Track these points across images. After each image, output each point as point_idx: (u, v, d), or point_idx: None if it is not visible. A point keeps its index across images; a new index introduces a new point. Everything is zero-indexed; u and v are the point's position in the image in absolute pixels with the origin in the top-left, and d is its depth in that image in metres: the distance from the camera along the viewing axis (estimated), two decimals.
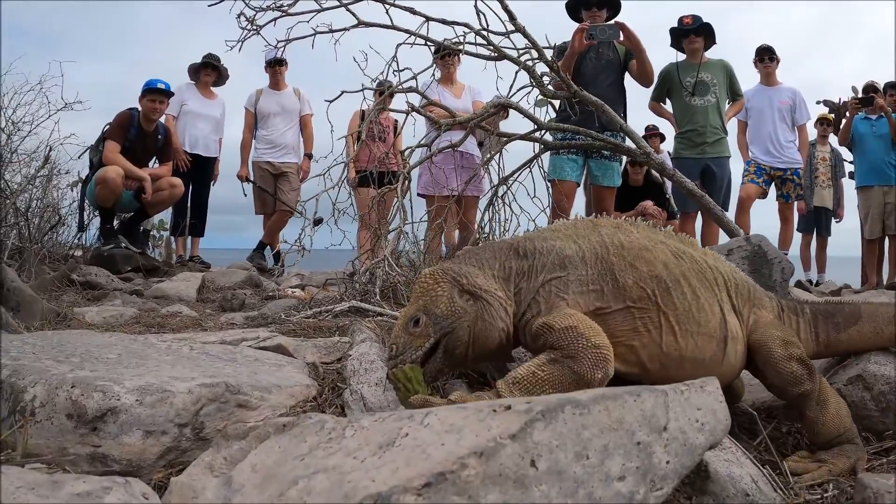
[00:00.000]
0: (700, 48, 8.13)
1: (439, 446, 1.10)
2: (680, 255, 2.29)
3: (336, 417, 1.31)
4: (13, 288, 4.67)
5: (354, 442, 1.21)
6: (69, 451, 1.88)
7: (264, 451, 1.32)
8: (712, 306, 2.24)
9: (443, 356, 1.95)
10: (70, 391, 1.98)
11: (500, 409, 1.18)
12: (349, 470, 1.11)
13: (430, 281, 2.01)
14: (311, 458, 1.20)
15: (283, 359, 2.86)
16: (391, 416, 1.27)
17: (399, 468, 1.07)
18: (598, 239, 2.22)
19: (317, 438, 1.27)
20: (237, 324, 4.61)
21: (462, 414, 1.20)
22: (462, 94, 8.15)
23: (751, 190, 9.12)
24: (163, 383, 2.04)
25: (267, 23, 5.80)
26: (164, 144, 8.61)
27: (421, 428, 1.19)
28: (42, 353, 2.41)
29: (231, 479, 1.27)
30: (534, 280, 2.09)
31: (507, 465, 1.06)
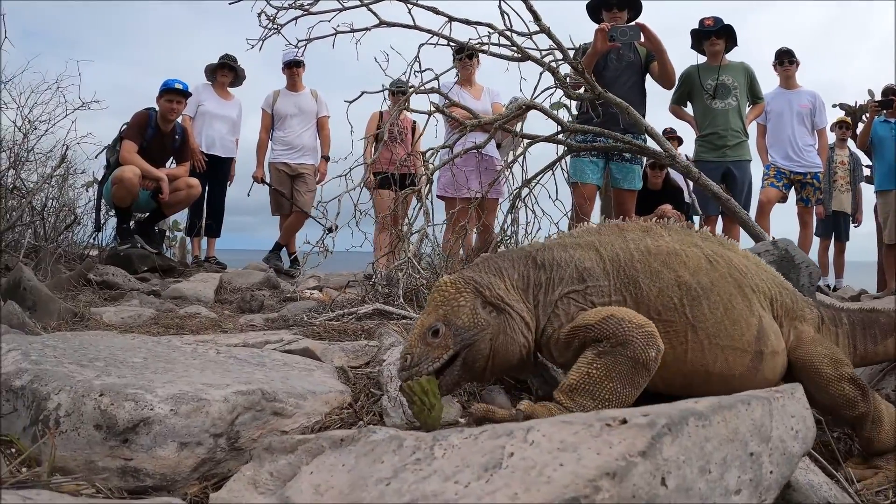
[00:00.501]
0: (721, 50, 8.05)
1: (558, 467, 1.01)
2: (715, 260, 2.16)
3: (415, 434, 1.21)
4: (30, 287, 4.64)
5: (449, 463, 1.11)
6: (97, 464, 1.78)
7: (325, 468, 1.22)
8: (748, 317, 2.11)
9: (461, 369, 1.87)
10: (98, 400, 1.86)
11: (614, 423, 1.10)
12: (455, 497, 1.01)
13: (451, 290, 1.92)
14: (398, 482, 1.09)
15: (311, 363, 2.80)
16: (485, 433, 1.17)
17: (518, 494, 0.98)
18: (622, 245, 2.12)
19: (397, 458, 1.17)
20: (257, 325, 4.57)
21: (570, 430, 1.11)
22: (481, 96, 8.08)
23: (771, 194, 9.04)
24: (197, 391, 1.94)
25: (288, 21, 5.76)
26: (181, 145, 8.58)
27: (527, 446, 1.09)
28: (64, 357, 2.31)
29: (289, 498, 1.18)
30: (551, 293, 2.01)
31: (639, 486, 0.98)
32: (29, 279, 4.72)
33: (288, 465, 1.36)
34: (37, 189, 8.71)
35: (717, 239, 2.31)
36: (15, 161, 8.72)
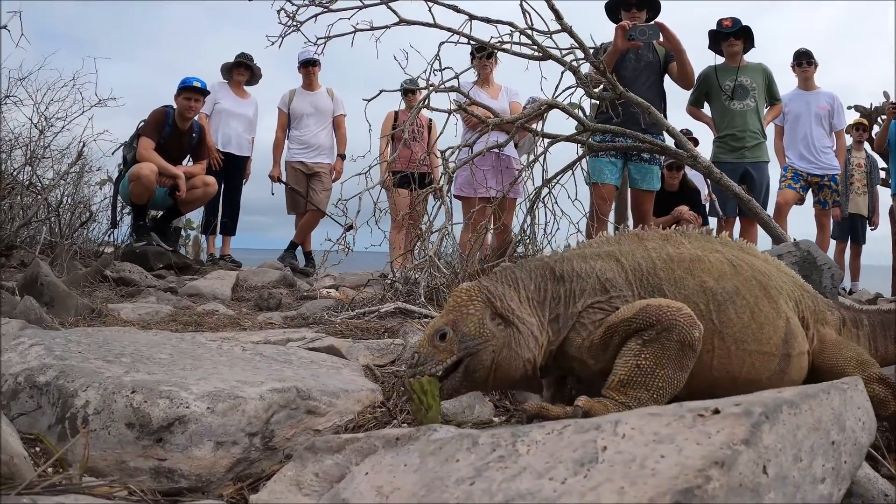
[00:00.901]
0: (739, 51, 8.00)
1: (659, 459, 0.99)
2: (738, 265, 2.12)
3: (490, 431, 1.16)
4: (47, 282, 4.64)
5: (537, 460, 1.08)
6: (129, 464, 1.71)
7: (384, 469, 1.17)
8: (775, 320, 2.07)
9: (462, 376, 1.84)
10: (130, 397, 1.80)
11: (707, 413, 1.08)
12: (554, 495, 0.98)
13: (464, 296, 1.91)
14: (484, 481, 1.05)
15: (338, 361, 2.77)
16: (568, 428, 1.14)
17: (624, 488, 0.95)
18: (643, 254, 2.09)
19: (473, 457, 1.13)
20: (276, 323, 4.56)
21: (661, 421, 1.10)
22: (499, 96, 8.06)
23: (788, 196, 8.98)
24: (232, 388, 1.89)
25: (308, 19, 5.74)
26: (198, 143, 8.60)
27: (619, 440, 1.07)
28: (89, 352, 2.26)
29: (346, 500, 1.12)
30: (573, 306, 1.98)
31: (745, 474, 0.97)
32: (46, 274, 4.71)
33: (335, 466, 1.33)
34: (53, 186, 8.73)
35: (737, 244, 2.30)
36: (31, 158, 8.74)
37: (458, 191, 7.58)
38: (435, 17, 5.58)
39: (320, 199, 9.49)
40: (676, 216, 8.74)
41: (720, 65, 8.07)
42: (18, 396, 1.99)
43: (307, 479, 1.35)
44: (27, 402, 1.97)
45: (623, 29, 6.15)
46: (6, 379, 2.07)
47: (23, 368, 2.09)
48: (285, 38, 5.84)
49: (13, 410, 1.95)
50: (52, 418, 1.87)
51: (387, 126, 9.21)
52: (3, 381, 2.07)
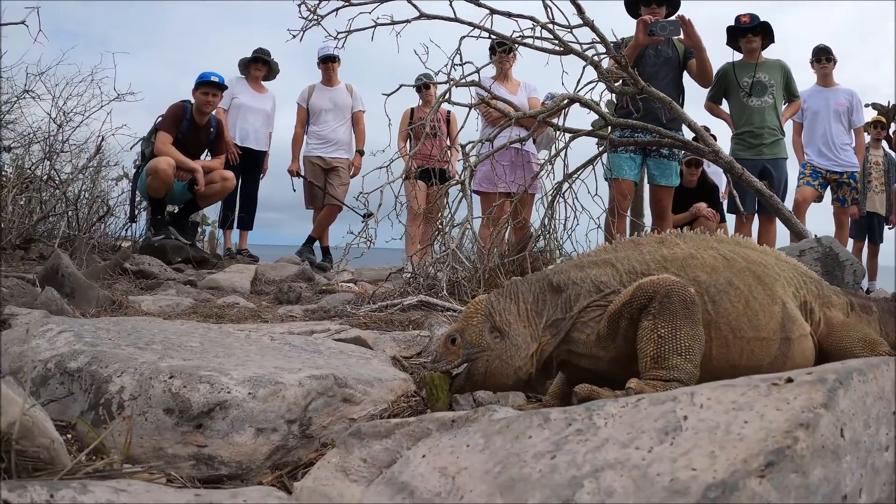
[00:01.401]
0: (758, 48, 7.95)
1: (743, 424, 1.03)
2: (731, 258, 2.20)
3: (560, 408, 1.19)
4: (68, 274, 4.64)
5: (619, 431, 1.10)
6: (167, 451, 1.69)
7: (443, 450, 1.17)
8: (770, 306, 2.14)
9: (465, 377, 2.03)
10: (168, 382, 1.77)
11: (780, 382, 1.12)
12: (644, 463, 1.00)
13: (471, 309, 2.09)
14: (566, 454, 1.06)
15: (367, 352, 2.77)
16: (643, 401, 1.17)
17: (714, 452, 0.98)
18: (638, 258, 2.18)
19: (547, 432, 1.14)
20: (297, 316, 4.56)
21: (735, 391, 1.13)
22: (518, 91, 8.04)
23: (806, 193, 8.94)
24: (271, 374, 1.88)
25: (329, 13, 5.74)
26: (216, 137, 8.60)
27: (698, 409, 1.11)
28: (119, 339, 2.23)
29: (406, 484, 1.13)
30: (570, 310, 2.09)
31: (826, 436, 1.00)
32: (67, 266, 4.72)
33: (384, 451, 1.31)
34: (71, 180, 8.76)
35: (734, 239, 2.37)
36: (49, 152, 8.78)
37: (477, 186, 7.57)
38: (456, 12, 5.58)
39: (337, 193, 9.50)
40: (694, 213, 8.70)
41: (738, 61, 8.03)
42: (48, 383, 1.98)
43: (354, 465, 1.33)
44: (58, 388, 1.96)
45: (644, 23, 6.12)
46: (35, 365, 2.05)
47: (52, 354, 2.08)
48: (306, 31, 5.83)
49: (42, 397, 1.93)
50: (85, 404, 1.85)
51: (404, 124, 9.28)
52: (33, 366, 2.05)
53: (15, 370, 2.06)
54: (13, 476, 1.25)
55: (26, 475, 1.28)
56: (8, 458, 1.26)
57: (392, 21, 5.67)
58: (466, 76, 5.63)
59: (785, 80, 8.15)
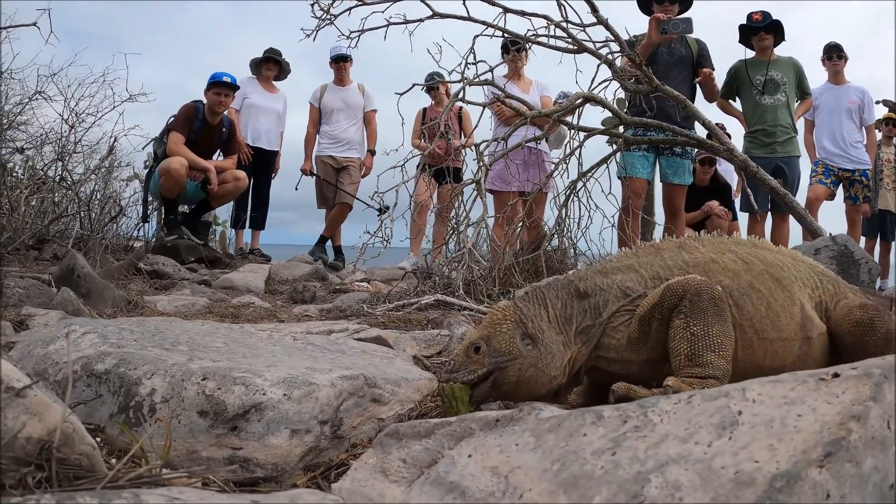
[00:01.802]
0: (770, 46, 7.92)
1: (797, 418, 1.07)
2: (750, 261, 2.24)
3: (611, 406, 1.19)
4: (84, 274, 4.65)
5: (676, 427, 1.12)
6: (201, 454, 1.66)
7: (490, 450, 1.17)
8: (790, 307, 2.18)
9: (490, 387, 1.97)
10: (202, 384, 1.75)
11: (827, 377, 1.16)
12: (707, 456, 1.03)
13: (499, 315, 2.04)
14: (626, 450, 1.08)
15: (388, 351, 2.76)
16: (695, 398, 1.20)
17: (773, 444, 1.02)
18: (660, 263, 2.20)
19: (602, 430, 1.15)
20: (313, 316, 4.56)
21: (785, 386, 1.17)
22: (530, 90, 8.04)
23: (819, 191, 8.91)
24: (304, 375, 1.86)
25: (342, 12, 5.75)
26: (228, 137, 8.63)
27: (751, 404, 1.14)
28: (144, 340, 2.20)
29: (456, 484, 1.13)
30: (600, 316, 2.10)
31: (875, 428, 1.03)
32: (83, 266, 4.73)
33: (425, 451, 1.31)
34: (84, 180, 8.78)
35: (749, 241, 2.40)
36: (61, 153, 8.81)
37: (490, 184, 7.56)
38: (469, 11, 5.59)
39: (348, 192, 9.51)
40: (707, 211, 8.68)
41: (750, 59, 8.01)
42: (75, 385, 1.94)
43: (394, 466, 1.32)
44: (84, 391, 1.93)
45: (657, 21, 6.11)
46: (59, 368, 2.03)
47: (78, 356, 2.04)
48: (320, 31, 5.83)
49: (68, 399, 1.88)
50: (114, 407, 1.82)
51: (417, 123, 9.33)
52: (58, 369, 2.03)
53: (40, 372, 2.05)
54: (54, 485, 1.23)
55: (67, 484, 1.26)
56: (48, 466, 1.24)
57: (405, 20, 5.67)
58: (480, 75, 5.62)
59: (797, 78, 8.12)
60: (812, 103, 8.76)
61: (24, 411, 1.27)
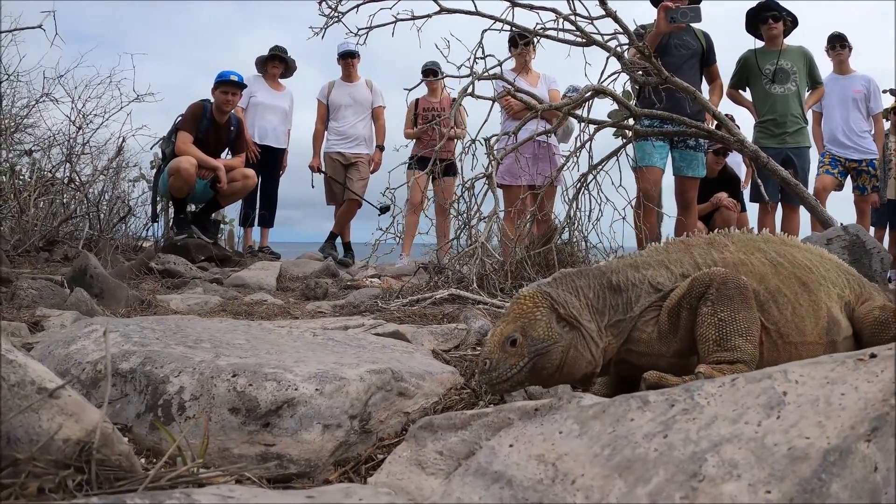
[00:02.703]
0: (780, 34, 7.89)
1: (840, 396, 1.11)
2: (779, 263, 2.26)
3: (655, 391, 1.22)
4: (96, 274, 4.66)
5: (723, 409, 1.16)
6: (233, 451, 1.66)
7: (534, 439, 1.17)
8: (817, 311, 2.21)
9: (528, 373, 1.97)
10: (232, 381, 1.75)
11: (866, 358, 1.19)
12: (759, 435, 1.07)
13: (529, 304, 2.03)
14: (678, 433, 1.11)
15: (408, 346, 2.76)
16: (739, 380, 1.23)
17: (822, 421, 1.06)
18: (690, 261, 2.22)
19: (650, 414, 1.17)
20: (326, 312, 4.56)
21: (825, 367, 1.21)
22: (537, 83, 8.02)
23: (826, 181, 8.87)
24: (334, 370, 1.86)
25: (350, 9, 5.75)
26: (236, 136, 8.64)
27: (795, 385, 1.18)
28: (166, 339, 2.19)
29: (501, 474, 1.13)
30: (631, 311, 2.12)
31: None
32: (95, 267, 4.74)
33: (461, 443, 1.30)
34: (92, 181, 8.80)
35: (779, 238, 2.42)
36: (69, 154, 8.83)
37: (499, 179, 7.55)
38: (476, 6, 5.58)
39: (356, 188, 9.53)
40: (715, 203, 8.66)
41: (760, 48, 7.97)
42: (100, 385, 1.94)
43: (430, 458, 1.32)
44: (111, 390, 1.91)
45: (666, 10, 6.08)
46: (83, 367, 2.03)
47: (102, 356, 2.03)
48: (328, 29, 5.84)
49: (93, 399, 1.87)
50: (141, 406, 1.82)
51: (409, 114, 9.46)
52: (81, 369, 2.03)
53: (62, 372, 2.03)
54: (94, 488, 1.22)
55: (108, 486, 1.25)
56: (88, 468, 1.23)
57: (413, 16, 5.67)
58: (489, 69, 5.62)
59: (808, 67, 8.09)
60: (823, 93, 8.71)
61: (58, 412, 1.27)
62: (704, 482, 1.00)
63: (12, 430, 1.21)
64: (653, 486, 1.01)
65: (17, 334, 3.15)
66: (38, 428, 1.23)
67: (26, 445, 1.20)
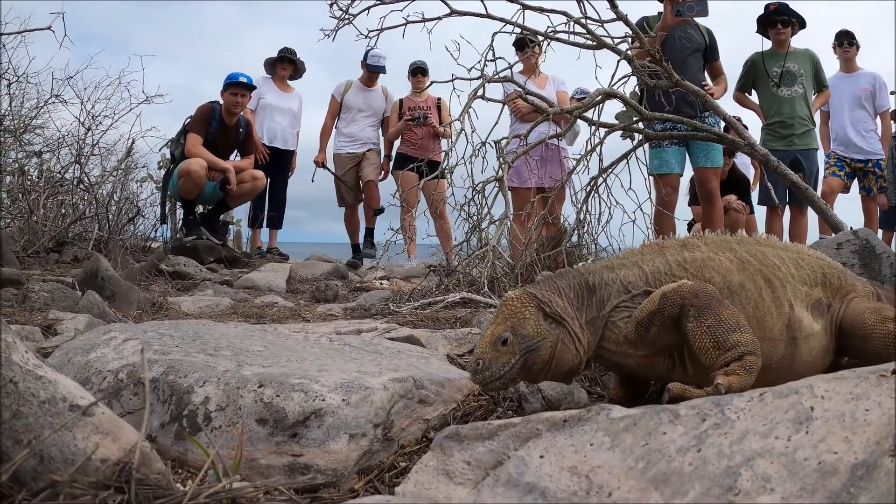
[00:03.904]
0: (787, 38, 7.88)
1: (864, 412, 1.15)
2: (746, 261, 2.31)
3: (688, 404, 1.26)
4: (108, 277, 4.68)
5: (753, 423, 1.20)
6: (260, 462, 1.67)
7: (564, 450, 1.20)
8: (779, 307, 2.25)
9: (520, 368, 2.03)
10: (259, 392, 1.76)
11: (887, 374, 1.24)
12: (789, 450, 1.12)
13: (517, 304, 2.10)
14: (711, 447, 1.15)
15: (423, 351, 2.78)
16: (767, 395, 1.27)
17: (848, 437, 1.10)
18: (661, 260, 2.29)
19: (681, 428, 1.21)
20: (337, 315, 4.58)
21: (849, 383, 1.25)
22: (546, 85, 8.03)
23: (833, 183, 8.86)
24: (359, 380, 1.88)
25: (360, 12, 5.76)
26: (245, 138, 8.68)
27: (821, 400, 1.22)
28: (186, 346, 2.20)
29: (533, 486, 1.14)
30: (603, 309, 2.19)
31: None
32: (107, 269, 4.76)
33: (489, 452, 1.32)
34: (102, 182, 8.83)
35: (754, 239, 2.46)
36: (79, 156, 8.86)
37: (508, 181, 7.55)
38: (487, 8, 5.58)
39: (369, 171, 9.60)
40: (724, 206, 8.63)
41: (767, 51, 7.98)
42: (122, 394, 1.95)
43: (458, 468, 1.34)
44: (132, 399, 1.94)
45: (672, 3, 6.06)
46: (104, 376, 2.03)
47: (122, 364, 2.05)
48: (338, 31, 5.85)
49: (116, 409, 1.88)
50: (165, 416, 1.82)
51: (393, 116, 9.47)
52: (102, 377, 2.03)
53: (83, 381, 2.04)
54: None
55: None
56: (128, 488, 1.23)
57: (423, 18, 5.68)
58: (500, 72, 5.63)
59: (814, 70, 8.09)
60: (829, 95, 8.69)
61: (93, 431, 1.27)
62: (740, 496, 1.03)
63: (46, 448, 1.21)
64: (690, 500, 1.05)
65: (31, 338, 3.17)
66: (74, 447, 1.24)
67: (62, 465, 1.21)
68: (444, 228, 8.04)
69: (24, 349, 1.37)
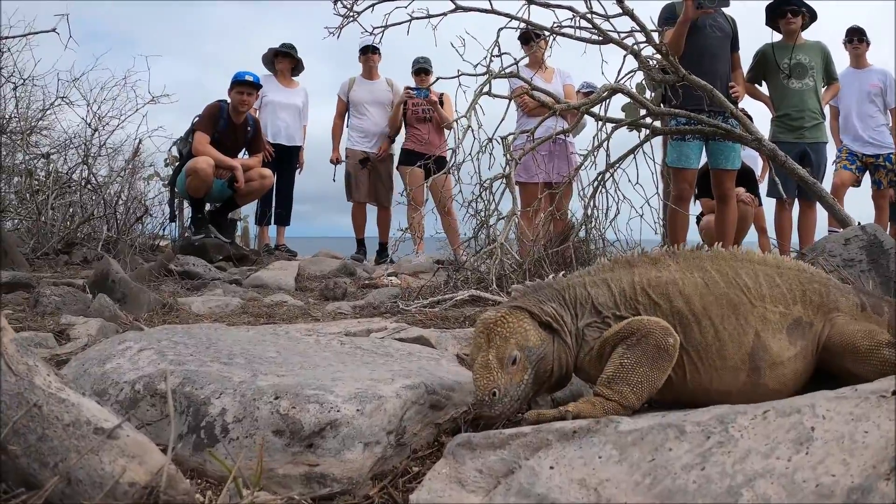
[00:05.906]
0: (797, 29, 7.84)
1: (864, 434, 1.17)
2: (714, 282, 2.24)
3: (692, 420, 1.27)
4: (118, 279, 4.68)
5: (756, 443, 1.22)
6: (277, 472, 1.69)
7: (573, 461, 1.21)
8: (740, 336, 2.18)
9: (532, 383, 2.03)
10: (275, 403, 1.77)
11: (888, 395, 1.26)
12: (789, 471, 1.14)
13: (512, 321, 2.09)
14: (715, 466, 1.17)
15: (433, 352, 2.77)
16: (770, 413, 1.29)
17: (846, 459, 1.13)
18: (629, 279, 2.25)
19: (686, 444, 1.23)
20: (346, 313, 4.58)
21: (849, 403, 1.27)
22: (552, 79, 8.01)
23: (844, 177, 8.81)
24: (372, 389, 1.89)
25: (365, 9, 5.75)
26: (253, 136, 8.72)
27: (821, 420, 1.25)
28: (200, 354, 2.21)
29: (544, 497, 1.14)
30: (577, 325, 2.20)
31: None
32: (117, 271, 4.76)
33: (500, 461, 1.33)
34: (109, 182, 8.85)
35: (730, 254, 2.37)
36: (86, 156, 8.88)
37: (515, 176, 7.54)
38: (492, 3, 5.57)
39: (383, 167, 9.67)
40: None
41: (777, 42, 7.90)
42: (139, 405, 1.95)
43: (470, 476, 1.35)
44: (149, 410, 1.94)
45: None
46: (121, 387, 2.03)
47: (139, 375, 2.05)
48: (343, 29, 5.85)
49: (133, 421, 1.87)
50: (183, 427, 1.83)
51: (396, 113, 9.51)
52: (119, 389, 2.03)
53: (99, 393, 2.04)
54: None
55: None
56: None
57: (428, 14, 5.67)
58: (506, 68, 5.62)
59: (824, 63, 8.05)
60: (839, 88, 8.65)
61: (120, 454, 1.28)
62: None
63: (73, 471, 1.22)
64: None
65: (44, 344, 3.18)
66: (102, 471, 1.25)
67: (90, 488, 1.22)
68: (452, 225, 8.05)
69: (46, 372, 1.38)
